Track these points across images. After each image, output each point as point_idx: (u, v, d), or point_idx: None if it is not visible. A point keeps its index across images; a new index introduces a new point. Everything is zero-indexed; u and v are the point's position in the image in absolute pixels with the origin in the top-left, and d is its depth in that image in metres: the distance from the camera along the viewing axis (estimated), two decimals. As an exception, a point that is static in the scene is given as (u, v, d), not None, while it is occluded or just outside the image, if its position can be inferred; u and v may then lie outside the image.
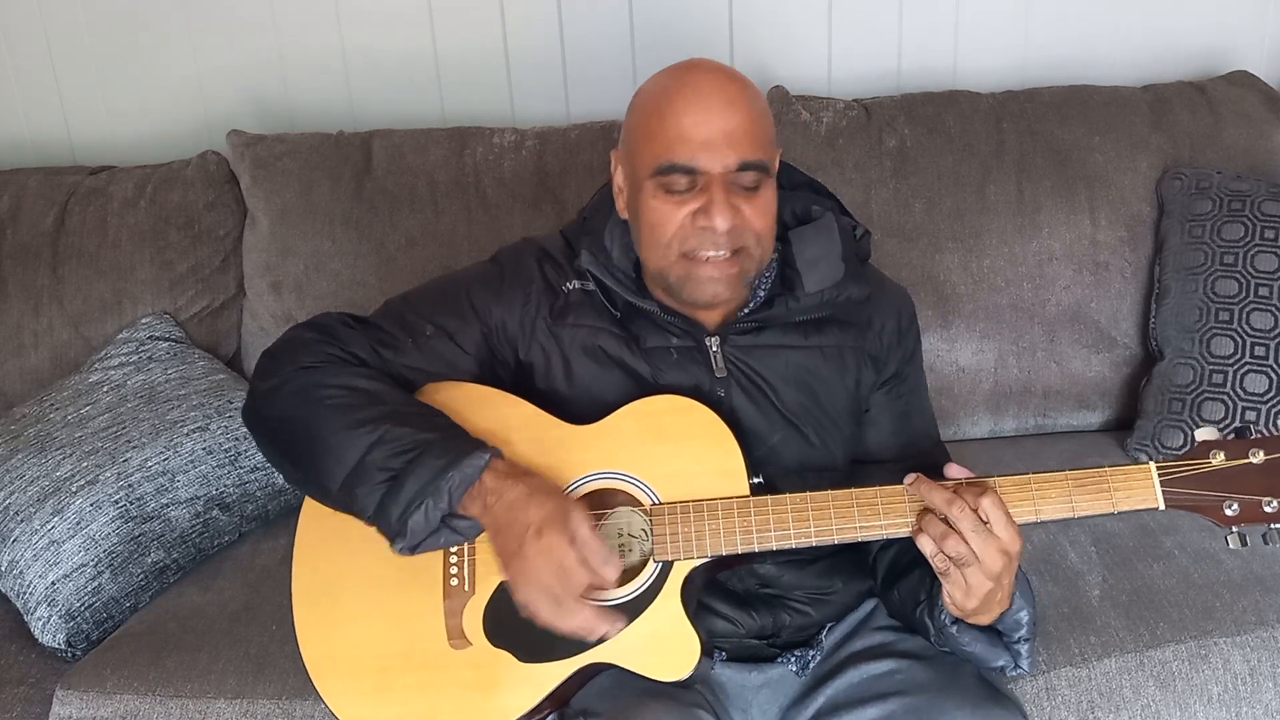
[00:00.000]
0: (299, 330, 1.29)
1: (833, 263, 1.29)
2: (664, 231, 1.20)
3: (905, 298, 1.39)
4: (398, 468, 1.14)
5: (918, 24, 2.18)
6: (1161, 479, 1.12)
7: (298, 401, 1.21)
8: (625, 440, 1.22)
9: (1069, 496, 1.13)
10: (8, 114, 2.27)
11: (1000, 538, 1.09)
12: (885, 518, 1.15)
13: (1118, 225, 1.93)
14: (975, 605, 1.12)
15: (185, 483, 1.71)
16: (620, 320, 1.29)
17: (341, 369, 1.24)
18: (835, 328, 1.31)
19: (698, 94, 1.18)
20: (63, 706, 1.46)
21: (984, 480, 1.14)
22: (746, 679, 1.29)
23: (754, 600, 1.31)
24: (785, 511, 1.17)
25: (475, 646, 1.19)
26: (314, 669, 1.23)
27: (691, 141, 1.16)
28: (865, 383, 1.33)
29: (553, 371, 1.29)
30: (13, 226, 2.00)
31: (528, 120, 2.16)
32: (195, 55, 2.21)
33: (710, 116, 1.17)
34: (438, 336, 1.29)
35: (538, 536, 1.11)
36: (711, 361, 1.28)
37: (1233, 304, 1.78)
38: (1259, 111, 2.00)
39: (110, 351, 1.89)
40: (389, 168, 2.00)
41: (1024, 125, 1.98)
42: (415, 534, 1.14)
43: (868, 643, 1.31)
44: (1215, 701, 1.39)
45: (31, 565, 1.61)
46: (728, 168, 1.17)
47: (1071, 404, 1.95)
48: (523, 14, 2.17)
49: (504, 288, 1.31)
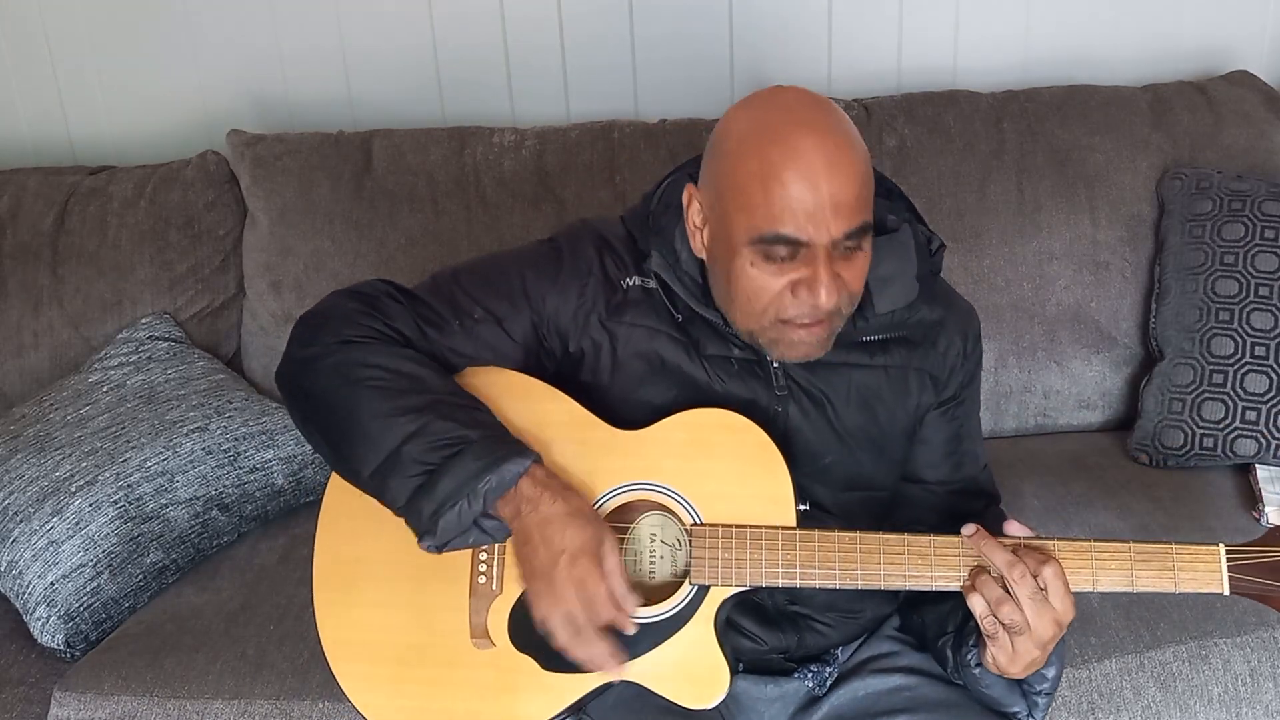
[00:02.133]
0: (342, 299, 1.22)
1: (906, 283, 1.21)
2: (761, 300, 1.12)
3: (972, 316, 1.31)
4: (435, 463, 1.10)
5: (918, 24, 2.18)
6: (1229, 564, 1.07)
7: (337, 378, 1.15)
8: (671, 451, 1.17)
9: (1130, 570, 1.08)
10: (8, 114, 2.27)
11: (1056, 609, 1.05)
12: (936, 569, 1.10)
13: (1118, 225, 1.93)
14: (1017, 671, 1.09)
15: (184, 483, 1.71)
16: (681, 325, 1.22)
17: (384, 348, 1.18)
18: (902, 348, 1.24)
19: (804, 157, 1.07)
20: (61, 708, 1.46)
21: (1045, 545, 1.09)
22: (762, 691, 1.26)
23: (780, 618, 1.26)
24: (832, 550, 1.11)
25: (498, 648, 1.16)
26: (331, 652, 1.19)
27: (798, 214, 1.06)
28: (924, 404, 1.27)
29: (600, 366, 1.23)
30: (13, 226, 2.00)
31: (528, 120, 2.16)
32: (195, 55, 2.21)
33: (819, 186, 1.06)
34: (486, 321, 1.22)
35: (572, 563, 1.07)
36: (772, 377, 1.22)
37: (1233, 304, 1.78)
38: (1259, 111, 2.00)
39: (110, 351, 1.89)
40: (389, 167, 2.00)
41: (1024, 125, 1.98)
42: (445, 534, 1.10)
43: (876, 650, 1.28)
44: (1215, 702, 1.39)
45: (31, 565, 1.61)
46: (834, 239, 1.08)
47: (1071, 404, 1.95)
48: (523, 14, 2.17)
49: (561, 275, 1.23)
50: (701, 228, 1.17)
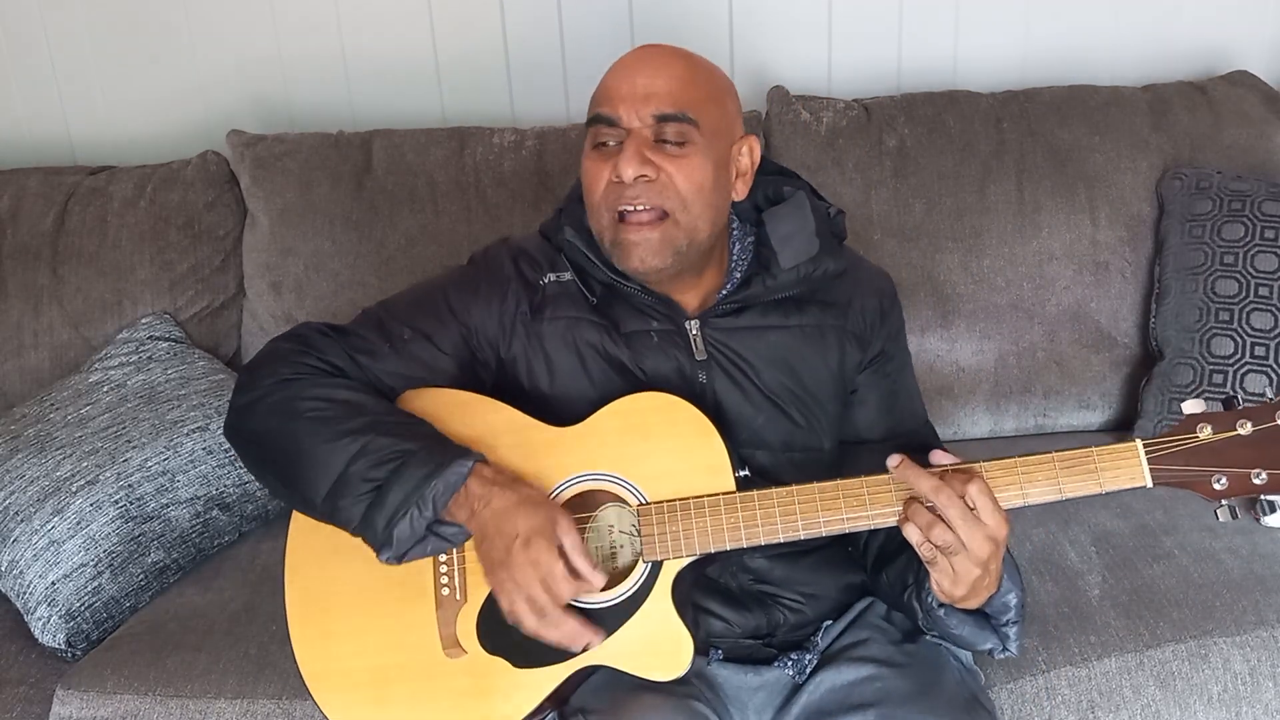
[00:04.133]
0: (276, 342, 1.29)
1: (807, 238, 1.29)
2: (594, 191, 1.23)
3: (885, 277, 1.40)
4: (381, 478, 1.14)
5: (918, 24, 2.18)
6: (1149, 456, 1.10)
7: (278, 415, 1.21)
8: (609, 440, 1.22)
9: (1056, 479, 1.11)
10: (8, 114, 2.27)
11: (987, 524, 1.08)
12: (872, 508, 1.14)
13: (1118, 225, 1.93)
14: (963, 592, 1.11)
15: (185, 483, 1.71)
16: (598, 308, 1.29)
17: (320, 380, 1.23)
18: (815, 307, 1.32)
19: (633, 56, 1.25)
20: (63, 706, 1.46)
21: (970, 466, 1.12)
22: (744, 680, 1.28)
23: (747, 598, 1.31)
24: (772, 506, 1.16)
25: (470, 654, 1.19)
26: (311, 682, 1.23)
27: (615, 96, 1.22)
28: (850, 363, 1.33)
29: (535, 369, 1.29)
30: (13, 226, 2.00)
31: (528, 120, 2.16)
32: (195, 55, 2.21)
33: (635, 73, 1.22)
34: (416, 340, 1.28)
35: (525, 546, 1.11)
36: (692, 345, 1.28)
37: (1233, 304, 1.78)
38: (1259, 111, 2.00)
39: (110, 351, 1.89)
40: (389, 168, 2.00)
41: (1024, 125, 1.98)
42: (401, 543, 1.14)
43: (853, 639, 1.30)
44: (1215, 701, 1.39)
45: (31, 565, 1.61)
46: (644, 121, 1.20)
47: (1071, 404, 1.95)
48: (523, 14, 2.17)
49: (481, 288, 1.31)
50: None
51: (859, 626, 1.32)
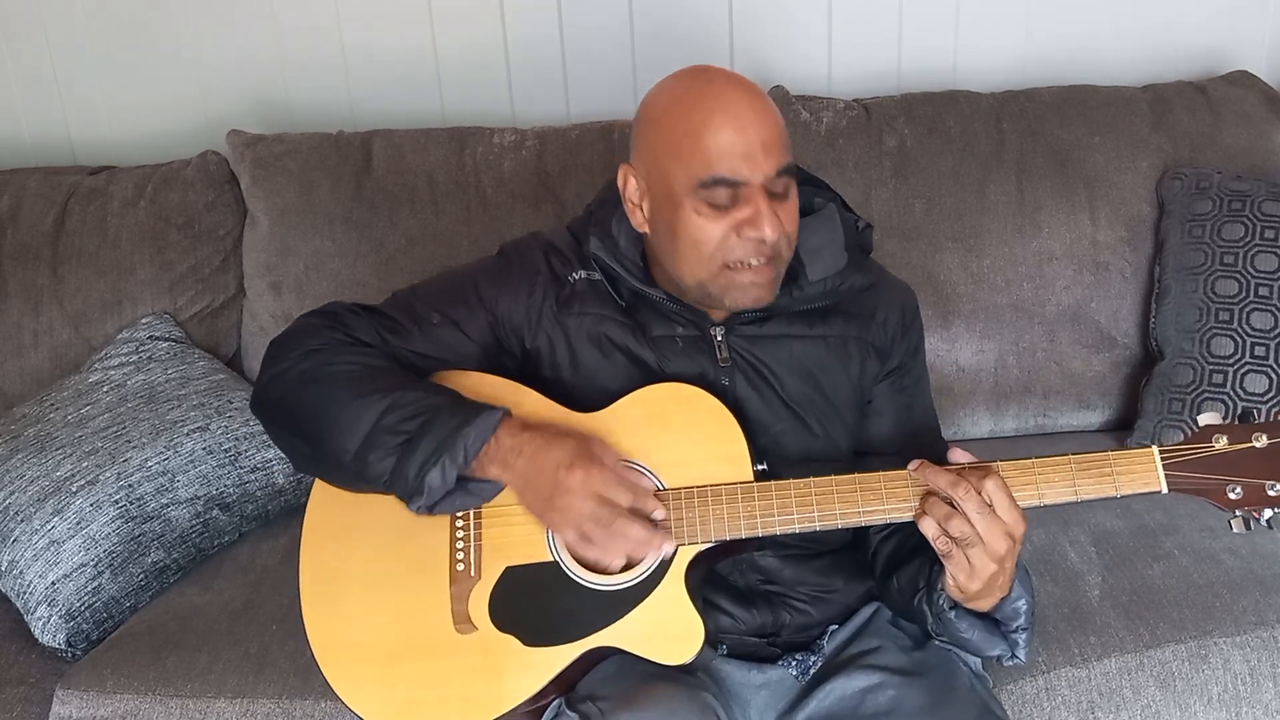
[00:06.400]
0: (306, 318, 1.30)
1: (835, 251, 1.30)
2: (708, 246, 1.20)
3: (909, 291, 1.40)
4: (412, 430, 1.15)
5: (918, 24, 2.18)
6: (1164, 462, 1.12)
7: (307, 379, 1.23)
8: (630, 427, 1.23)
9: (1072, 480, 1.13)
10: (8, 114, 2.27)
11: (1004, 520, 1.09)
12: (888, 501, 1.16)
13: (1118, 225, 1.93)
14: (978, 587, 1.12)
15: (185, 483, 1.71)
16: (626, 309, 1.30)
17: (348, 348, 1.25)
18: (839, 318, 1.33)
19: (729, 107, 1.18)
20: (63, 706, 1.46)
21: (988, 464, 1.14)
22: (747, 677, 1.29)
23: (755, 596, 1.31)
24: (789, 496, 1.18)
25: (481, 631, 1.20)
26: (321, 658, 1.24)
27: (733, 155, 1.16)
28: (869, 374, 1.34)
29: (558, 360, 1.30)
30: (13, 226, 2.00)
31: (528, 120, 2.16)
32: (195, 55, 2.21)
33: (747, 127, 1.17)
34: (444, 325, 1.30)
35: (570, 471, 1.13)
36: (716, 351, 1.29)
37: (1233, 304, 1.78)
38: (1259, 111, 2.00)
39: (110, 351, 1.89)
40: (389, 168, 2.00)
41: (1024, 125, 1.98)
42: (433, 492, 1.15)
43: (864, 647, 1.30)
44: (1215, 701, 1.39)
45: (31, 565, 1.61)
46: (768, 177, 1.18)
47: (1071, 404, 1.95)
48: (523, 14, 2.17)
49: (510, 278, 1.32)
50: (640, 202, 1.25)
51: (869, 634, 1.32)
